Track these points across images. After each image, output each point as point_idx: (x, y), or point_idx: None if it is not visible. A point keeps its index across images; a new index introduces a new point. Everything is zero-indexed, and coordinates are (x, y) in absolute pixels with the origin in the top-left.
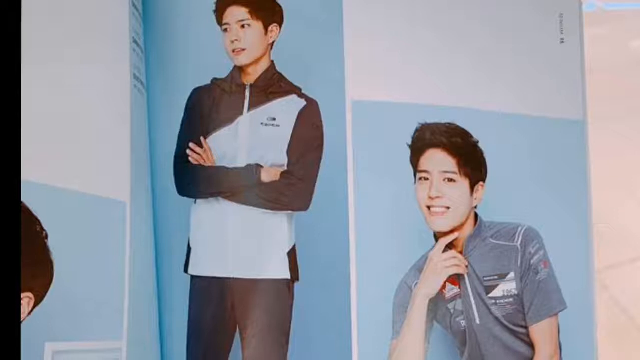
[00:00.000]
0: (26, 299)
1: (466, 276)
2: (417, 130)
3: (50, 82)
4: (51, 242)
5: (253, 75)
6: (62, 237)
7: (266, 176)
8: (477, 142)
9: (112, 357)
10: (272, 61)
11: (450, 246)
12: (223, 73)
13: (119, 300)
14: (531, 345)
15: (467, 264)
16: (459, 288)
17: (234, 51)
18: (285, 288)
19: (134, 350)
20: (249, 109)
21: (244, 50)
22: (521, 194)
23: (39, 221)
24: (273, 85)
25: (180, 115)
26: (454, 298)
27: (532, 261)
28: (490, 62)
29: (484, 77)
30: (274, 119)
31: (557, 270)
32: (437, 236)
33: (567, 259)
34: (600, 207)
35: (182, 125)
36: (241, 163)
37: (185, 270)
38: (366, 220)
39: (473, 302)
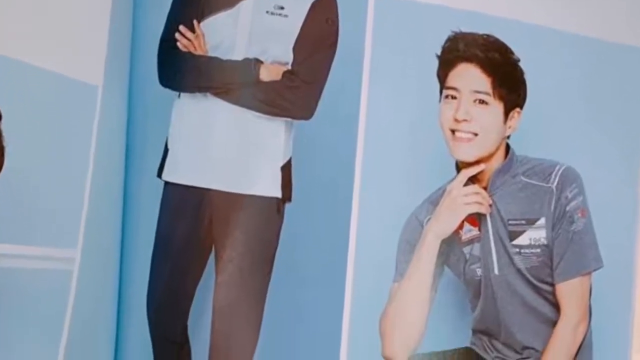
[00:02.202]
0: None
1: (488, 217)
2: (449, 40)
3: None
4: (7, 124)
5: None
6: (20, 120)
7: (266, 74)
8: (518, 60)
9: (62, 267)
10: None
11: (473, 180)
12: None
13: (78, 201)
14: (556, 307)
15: (490, 202)
16: (479, 230)
17: None
18: (274, 208)
19: (89, 261)
20: None
21: None
22: (564, 127)
23: None
24: None
25: None
26: (471, 241)
27: (567, 207)
28: None
29: None
30: (282, 8)
31: (596, 221)
32: (460, 166)
33: (610, 209)
34: None
35: (172, 4)
36: (238, 56)
37: (159, 175)
38: (377, 140)
39: (493, 248)
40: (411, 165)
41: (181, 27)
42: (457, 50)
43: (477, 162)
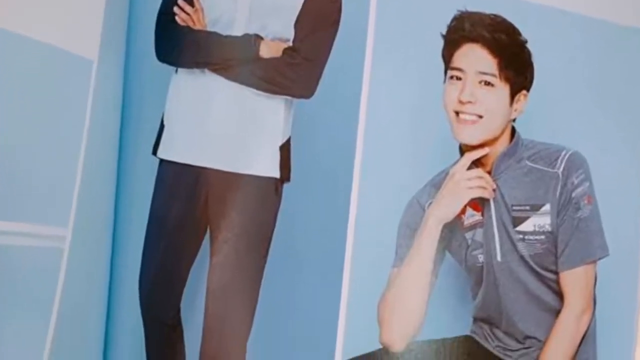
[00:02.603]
0: None
1: (492, 202)
2: (454, 19)
3: None
4: None
5: None
6: (11, 94)
7: (266, 50)
8: (526, 41)
9: (53, 245)
10: None
11: (477, 163)
12: None
13: (70, 178)
14: (560, 295)
15: (494, 187)
16: (481, 215)
17: None
18: (272, 188)
19: (80, 240)
20: None
21: None
22: (570, 111)
23: None
24: None
25: None
26: (473, 226)
27: (573, 194)
28: None
29: None
30: None
31: (602, 209)
32: (463, 149)
33: (616, 196)
34: None
35: None
36: (238, 31)
37: (154, 152)
38: (379, 121)
39: (496, 234)
40: (413, 147)
41: (180, 1)
42: (462, 30)
43: (481, 146)
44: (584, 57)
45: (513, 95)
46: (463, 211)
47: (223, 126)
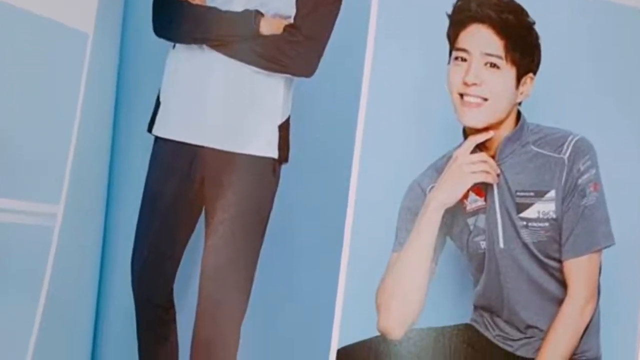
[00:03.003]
0: None
1: (495, 187)
2: None
3: None
4: None
5: None
6: (3, 67)
7: (266, 27)
8: (533, 23)
9: (43, 222)
10: None
11: (481, 147)
12: None
13: (62, 154)
14: (563, 285)
15: (498, 171)
16: (484, 201)
17: None
18: (270, 169)
19: (71, 218)
20: None
21: None
22: (577, 96)
23: None
24: None
25: None
26: (476, 212)
27: (579, 180)
28: None
29: None
30: None
31: (608, 197)
32: (467, 132)
33: (622, 184)
34: None
35: None
36: (237, 7)
37: (149, 130)
38: (380, 102)
39: (499, 220)
40: (416, 130)
41: None
42: (468, 10)
43: (485, 129)
44: (592, 40)
45: (519, 78)
46: (465, 196)
47: (221, 104)
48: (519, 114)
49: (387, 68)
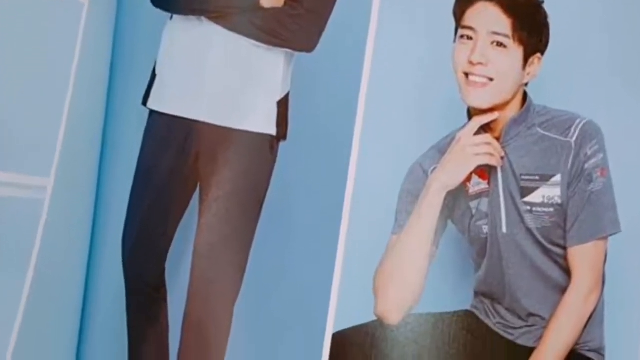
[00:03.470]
0: None
1: (499, 170)
2: None
3: None
4: None
5: None
6: None
7: (267, 0)
8: (542, 2)
9: (33, 195)
10: None
11: (485, 129)
12: None
13: (54, 126)
14: (567, 272)
15: (503, 154)
16: (488, 184)
17: None
18: (267, 146)
19: (62, 191)
20: None
21: None
22: (586, 77)
23: None
24: None
25: None
26: (479, 195)
27: (586, 165)
28: None
29: None
30: None
31: (616, 182)
32: (472, 113)
33: (631, 169)
34: None
35: None
36: None
37: (144, 103)
38: (383, 79)
39: (502, 204)
40: (419, 109)
41: None
42: None
43: (490, 110)
44: (602, 19)
45: (526, 58)
46: (468, 178)
47: (218, 78)
48: (525, 95)
49: (390, 44)
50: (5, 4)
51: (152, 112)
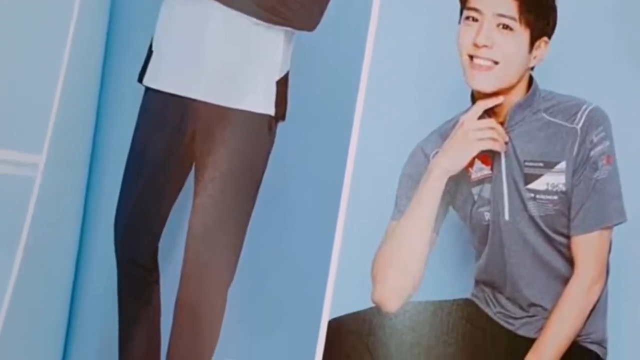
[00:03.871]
0: None
1: (503, 155)
2: None
3: None
4: None
5: None
6: None
7: None
8: None
9: (24, 173)
10: None
11: (489, 113)
12: None
13: (47, 103)
14: (570, 262)
15: (507, 139)
16: (491, 169)
17: None
18: (265, 126)
19: (54, 169)
20: None
21: None
22: (593, 62)
23: None
24: None
25: None
26: (481, 181)
27: (592, 152)
28: None
29: None
30: None
31: (622, 171)
32: (476, 97)
33: (638, 157)
34: None
35: None
36: None
37: (140, 80)
38: (386, 59)
39: (505, 191)
40: (421, 92)
41: None
42: None
43: (495, 94)
44: (609, 4)
45: (533, 41)
46: (471, 164)
47: (216, 56)
48: (531, 79)
49: (393, 24)
50: None
51: (147, 89)
